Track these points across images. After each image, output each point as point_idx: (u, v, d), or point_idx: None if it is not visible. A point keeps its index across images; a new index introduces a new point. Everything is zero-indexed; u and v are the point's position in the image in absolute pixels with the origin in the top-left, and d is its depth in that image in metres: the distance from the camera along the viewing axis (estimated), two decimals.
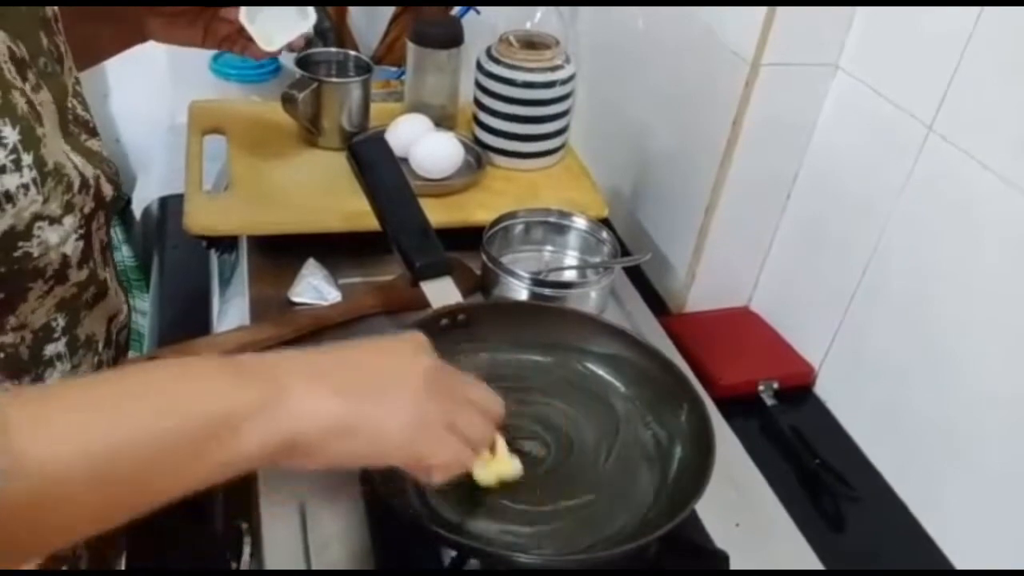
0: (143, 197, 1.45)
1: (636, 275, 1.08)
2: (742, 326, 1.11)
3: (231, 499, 0.73)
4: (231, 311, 0.91)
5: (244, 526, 0.67)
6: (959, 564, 0.80)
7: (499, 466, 0.66)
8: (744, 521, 0.74)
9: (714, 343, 1.04)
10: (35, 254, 0.56)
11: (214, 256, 1.03)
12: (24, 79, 0.56)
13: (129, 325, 0.79)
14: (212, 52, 1.35)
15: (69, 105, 0.63)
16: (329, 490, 0.69)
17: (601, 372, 0.78)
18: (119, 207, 0.66)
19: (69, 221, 0.58)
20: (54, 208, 0.56)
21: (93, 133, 0.66)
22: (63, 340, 0.63)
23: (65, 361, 0.64)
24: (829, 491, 0.87)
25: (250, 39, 0.84)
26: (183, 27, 0.85)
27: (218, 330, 0.93)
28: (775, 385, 0.99)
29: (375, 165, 0.83)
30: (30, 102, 0.55)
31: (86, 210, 0.60)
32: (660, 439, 0.73)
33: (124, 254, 1.46)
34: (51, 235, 0.56)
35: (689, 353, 0.99)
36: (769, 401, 0.98)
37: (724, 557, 0.66)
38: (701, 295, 1.10)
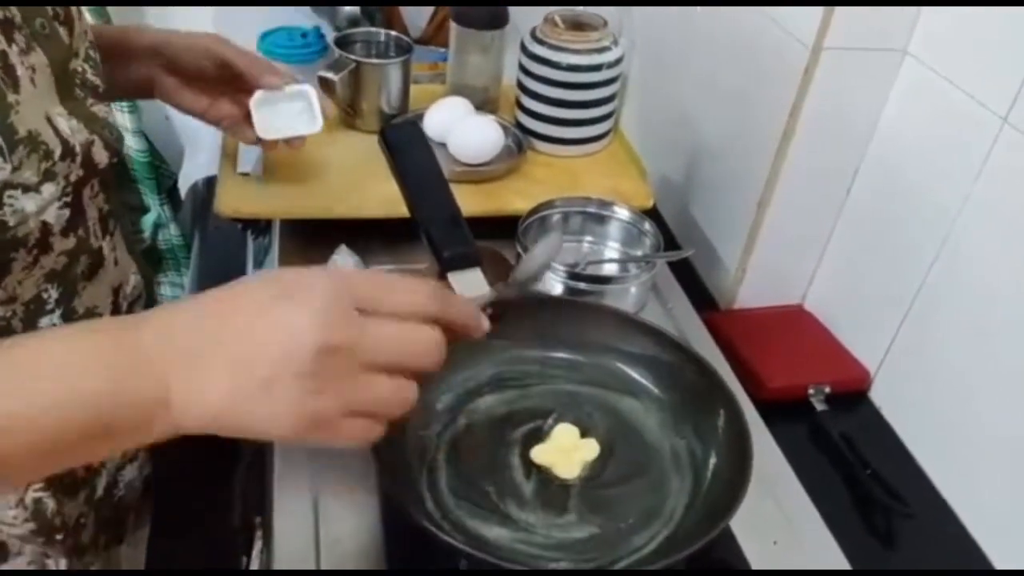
0: (190, 176, 1.45)
1: (684, 269, 1.03)
2: (794, 326, 1.05)
3: (249, 492, 0.72)
4: None
5: (257, 520, 0.65)
6: None
7: (580, 454, 0.66)
8: (782, 539, 0.69)
9: (764, 343, 0.99)
10: (11, 223, 0.54)
11: (250, 238, 1.02)
12: (10, 41, 0.55)
13: (147, 296, 0.77)
14: (261, 30, 1.35)
15: (76, 68, 0.62)
16: (344, 486, 0.67)
17: (634, 374, 0.74)
18: (154, 174, 0.67)
19: (49, 189, 0.56)
20: (28, 176, 0.54)
21: (102, 97, 0.64)
22: (58, 312, 0.62)
23: None
24: (880, 506, 0.82)
25: (250, 124, 0.84)
26: (192, 93, 0.85)
27: None
28: (827, 389, 0.94)
29: (406, 150, 0.80)
30: (7, 67, 0.54)
31: (72, 178, 0.59)
32: (694, 448, 0.69)
33: (171, 232, 1.47)
34: (27, 203, 0.55)
35: (736, 353, 0.94)
36: (820, 406, 0.93)
37: None
38: (752, 292, 1.05)
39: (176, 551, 0.76)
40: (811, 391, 0.94)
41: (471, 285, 0.75)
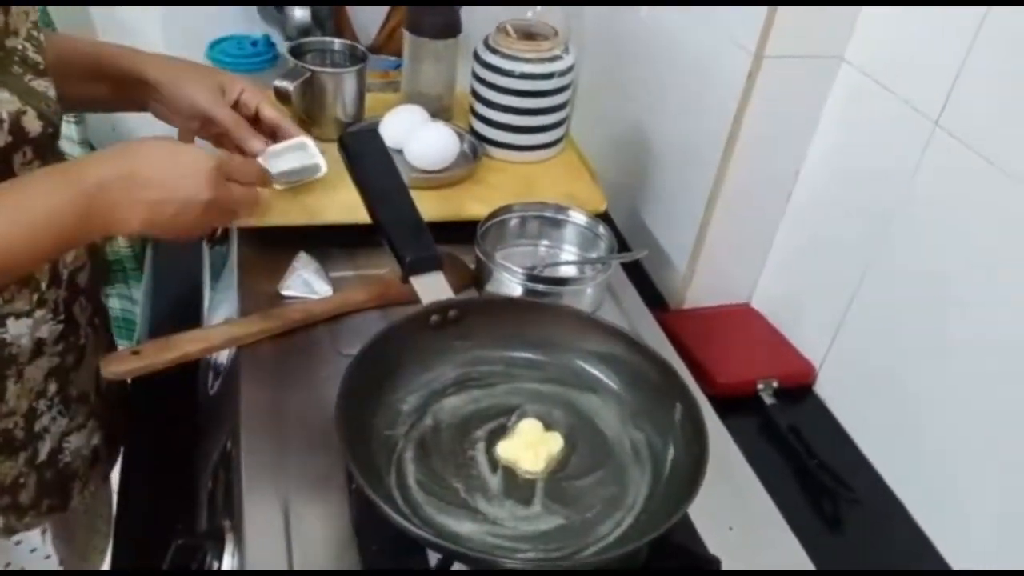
0: None
1: (635, 270, 1.06)
2: (742, 323, 1.09)
3: (215, 497, 0.72)
4: (222, 304, 0.90)
5: (227, 523, 0.66)
6: (958, 567, 0.79)
7: (545, 448, 0.68)
8: (738, 524, 0.72)
9: (713, 340, 1.02)
10: None
11: (206, 247, 1.01)
12: None
13: (88, 266, 0.84)
14: (209, 39, 1.34)
15: (16, 47, 0.69)
16: (314, 489, 0.68)
17: (594, 371, 0.77)
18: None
19: None
20: None
21: (42, 74, 0.71)
22: None
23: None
24: (827, 492, 0.86)
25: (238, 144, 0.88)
26: (183, 117, 0.88)
27: (209, 322, 0.92)
28: (774, 384, 0.98)
29: (366, 157, 0.81)
30: None
31: (0, 143, 0.65)
32: (653, 441, 0.72)
33: (120, 243, 1.44)
34: None
35: (687, 350, 0.97)
36: (768, 400, 0.97)
37: (715, 562, 0.65)
38: (701, 291, 1.09)
39: (142, 551, 0.76)
40: (760, 386, 0.97)
41: (433, 288, 0.77)
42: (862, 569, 0.78)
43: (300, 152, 0.90)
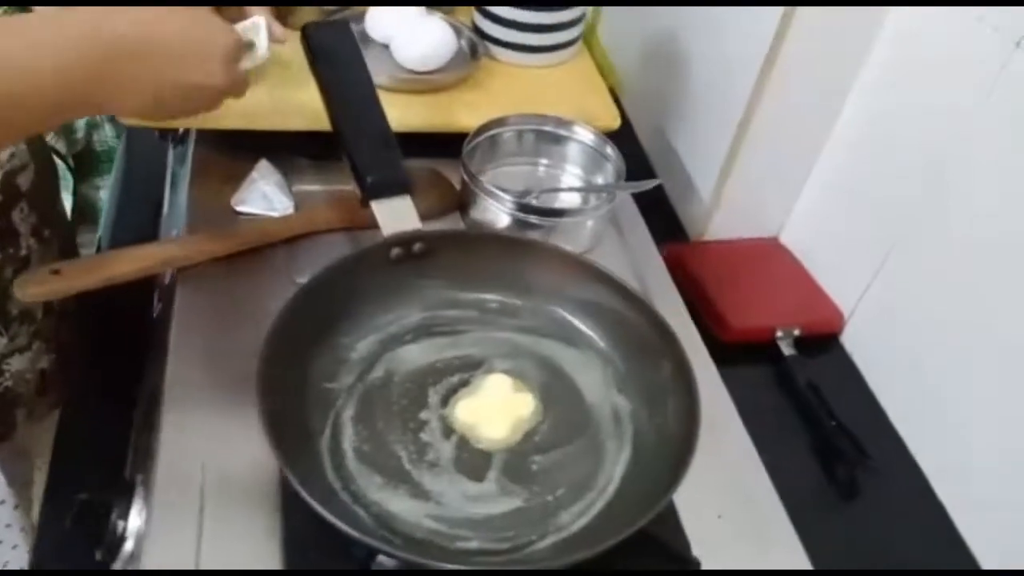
0: None
1: (654, 195, 0.94)
2: (767, 260, 0.98)
3: (139, 443, 0.64)
4: (175, 213, 0.80)
5: (139, 478, 0.58)
6: (977, 548, 0.71)
7: (512, 411, 0.60)
8: (729, 512, 0.63)
9: (732, 278, 0.92)
10: None
11: (170, 146, 0.91)
12: None
13: (31, 168, 0.75)
14: None
15: None
16: (243, 445, 0.59)
17: (578, 322, 0.66)
18: None
19: None
20: None
21: None
22: None
23: None
24: (843, 458, 0.76)
25: None
26: None
27: (164, 235, 0.83)
28: (796, 332, 0.87)
29: (332, 54, 0.70)
30: None
31: None
32: (637, 410, 0.62)
33: (107, 132, 1.35)
34: None
35: (701, 289, 0.87)
36: (787, 351, 0.86)
37: (693, 564, 0.55)
38: (725, 222, 0.98)
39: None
40: (779, 334, 0.87)
41: (398, 215, 0.66)
42: (867, 569, 0.69)
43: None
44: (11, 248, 0.73)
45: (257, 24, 0.74)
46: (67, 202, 1.36)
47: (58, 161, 1.35)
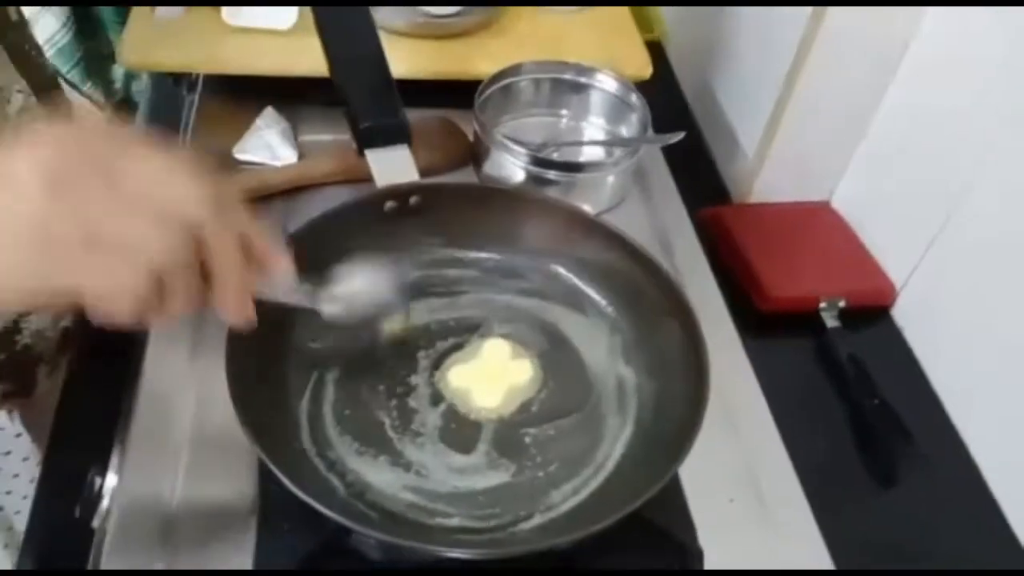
0: None
1: (692, 151, 0.88)
2: (816, 225, 0.91)
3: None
4: None
5: (118, 439, 0.56)
6: None
7: (508, 378, 0.55)
8: (742, 496, 0.57)
9: (776, 244, 0.85)
10: None
11: (185, 92, 0.88)
12: None
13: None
14: None
15: None
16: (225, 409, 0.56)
17: (584, 285, 0.61)
18: None
19: None
20: None
21: None
22: None
23: None
24: (882, 440, 0.70)
25: None
26: None
27: None
28: (841, 303, 0.80)
29: None
30: None
31: None
32: (643, 382, 0.57)
33: (144, 82, 1.33)
34: None
35: (741, 254, 0.81)
36: (831, 323, 0.80)
37: (695, 556, 0.50)
38: (772, 183, 0.91)
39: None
40: (823, 304, 0.81)
41: (394, 166, 0.62)
42: (891, 570, 0.63)
43: None
44: None
45: None
46: None
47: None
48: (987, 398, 0.71)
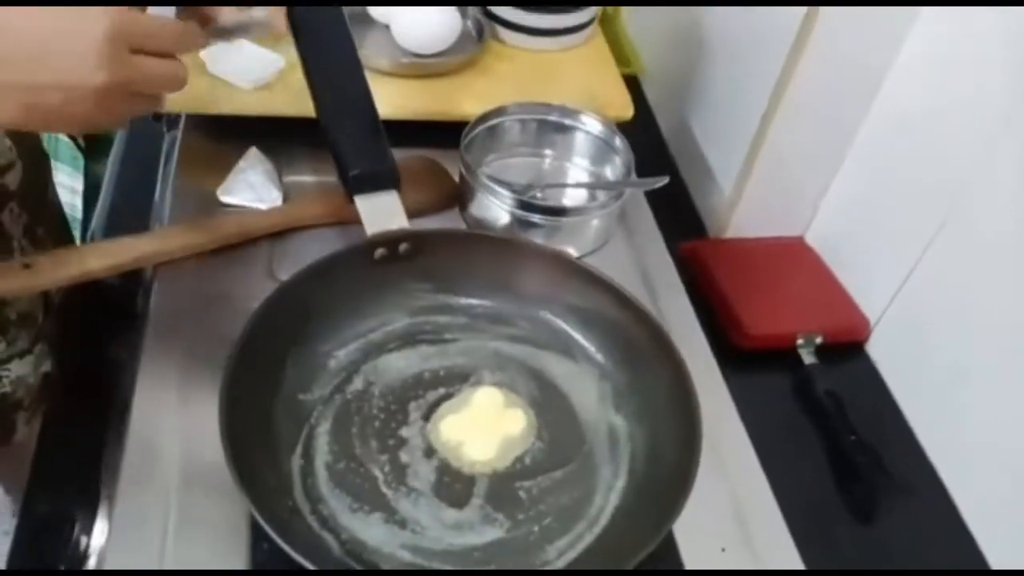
0: None
1: (672, 189, 0.89)
2: (791, 261, 0.92)
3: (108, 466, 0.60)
4: (165, 200, 0.76)
5: (105, 492, 0.55)
6: None
7: (502, 428, 0.55)
8: (733, 545, 0.58)
9: (752, 279, 0.86)
10: None
11: (164, 129, 0.87)
12: None
13: (18, 166, 0.72)
14: None
15: None
16: (214, 460, 0.55)
17: (573, 331, 0.62)
18: None
19: None
20: None
21: None
22: None
23: None
24: (861, 475, 0.71)
25: None
26: None
27: (153, 225, 0.79)
28: (818, 340, 0.81)
29: (318, 34, 0.65)
30: None
31: None
32: (635, 430, 0.57)
33: None
34: None
35: (718, 290, 0.82)
36: (808, 359, 0.81)
37: None
38: (748, 219, 0.92)
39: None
40: (800, 341, 0.81)
41: (383, 212, 0.62)
42: None
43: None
44: (3, 252, 0.69)
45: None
46: (78, 184, 1.31)
47: (68, 140, 1.31)
48: (961, 432, 0.72)
